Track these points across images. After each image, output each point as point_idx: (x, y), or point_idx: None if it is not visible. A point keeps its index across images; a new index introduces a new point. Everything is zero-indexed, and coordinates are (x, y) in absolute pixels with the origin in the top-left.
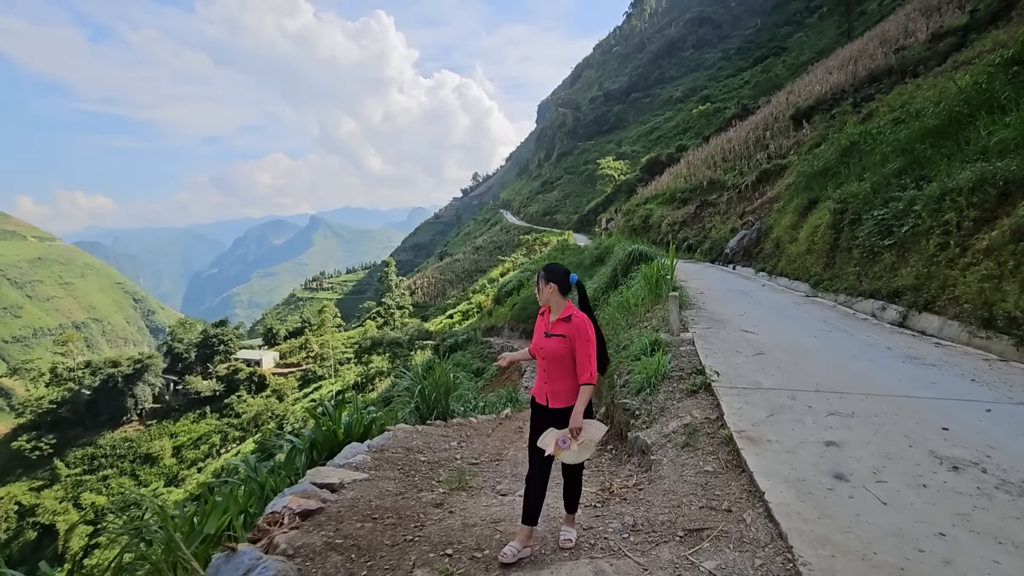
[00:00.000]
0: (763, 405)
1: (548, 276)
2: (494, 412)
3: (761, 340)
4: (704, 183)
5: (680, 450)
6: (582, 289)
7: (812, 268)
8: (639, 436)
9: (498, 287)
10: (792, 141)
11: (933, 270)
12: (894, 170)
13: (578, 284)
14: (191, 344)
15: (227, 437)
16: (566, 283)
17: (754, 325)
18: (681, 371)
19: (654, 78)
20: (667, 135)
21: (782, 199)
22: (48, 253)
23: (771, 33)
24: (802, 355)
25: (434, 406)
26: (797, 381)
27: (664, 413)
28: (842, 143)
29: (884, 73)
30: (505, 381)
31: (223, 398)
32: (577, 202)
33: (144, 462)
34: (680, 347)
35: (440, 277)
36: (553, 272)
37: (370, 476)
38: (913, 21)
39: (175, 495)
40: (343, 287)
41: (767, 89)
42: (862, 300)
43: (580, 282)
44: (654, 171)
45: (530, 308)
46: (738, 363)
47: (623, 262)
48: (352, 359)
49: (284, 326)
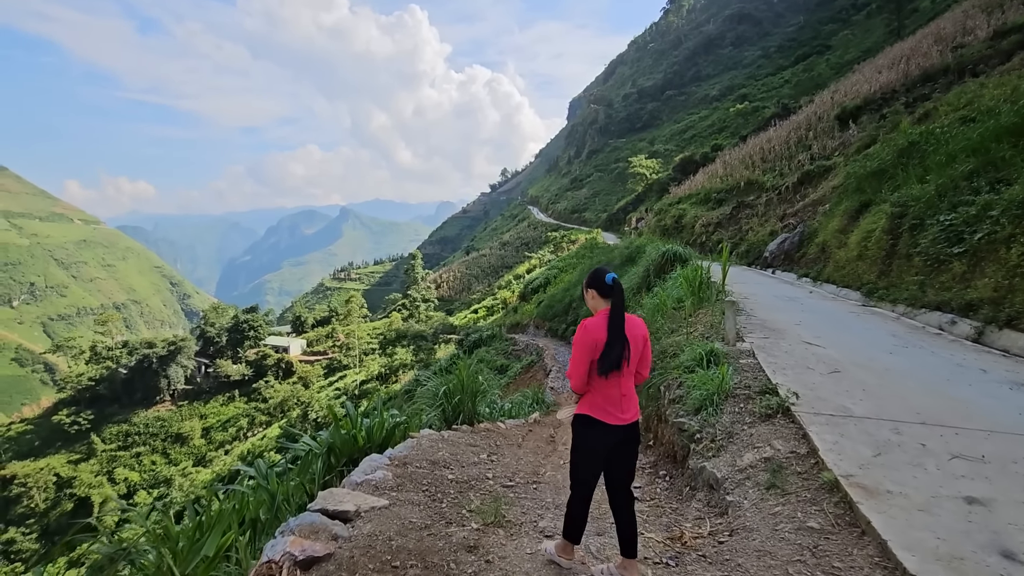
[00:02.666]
0: (863, 440)
1: (587, 281)
2: (522, 415)
3: (831, 355)
4: (741, 184)
5: (765, 492)
6: (618, 288)
7: (864, 276)
8: (705, 467)
9: (524, 284)
10: (837, 142)
11: (1016, 282)
12: (964, 172)
13: (615, 283)
14: (223, 328)
15: (254, 421)
16: (603, 285)
17: (816, 336)
18: (747, 389)
19: (690, 76)
20: (701, 134)
21: (828, 202)
22: (93, 236)
23: (814, 31)
24: (885, 375)
25: (460, 409)
26: (893, 409)
27: (733, 440)
28: (899, 143)
29: (940, 72)
30: (530, 380)
31: (251, 383)
32: (606, 200)
33: (175, 441)
34: (739, 359)
35: (466, 272)
36: (592, 276)
37: (391, 501)
38: (972, 18)
39: (203, 475)
40: (370, 278)
41: (809, 88)
42: (927, 312)
43: (616, 282)
44: (687, 171)
45: (555, 307)
46: (813, 382)
47: (656, 263)
48: (377, 350)
49: (312, 314)
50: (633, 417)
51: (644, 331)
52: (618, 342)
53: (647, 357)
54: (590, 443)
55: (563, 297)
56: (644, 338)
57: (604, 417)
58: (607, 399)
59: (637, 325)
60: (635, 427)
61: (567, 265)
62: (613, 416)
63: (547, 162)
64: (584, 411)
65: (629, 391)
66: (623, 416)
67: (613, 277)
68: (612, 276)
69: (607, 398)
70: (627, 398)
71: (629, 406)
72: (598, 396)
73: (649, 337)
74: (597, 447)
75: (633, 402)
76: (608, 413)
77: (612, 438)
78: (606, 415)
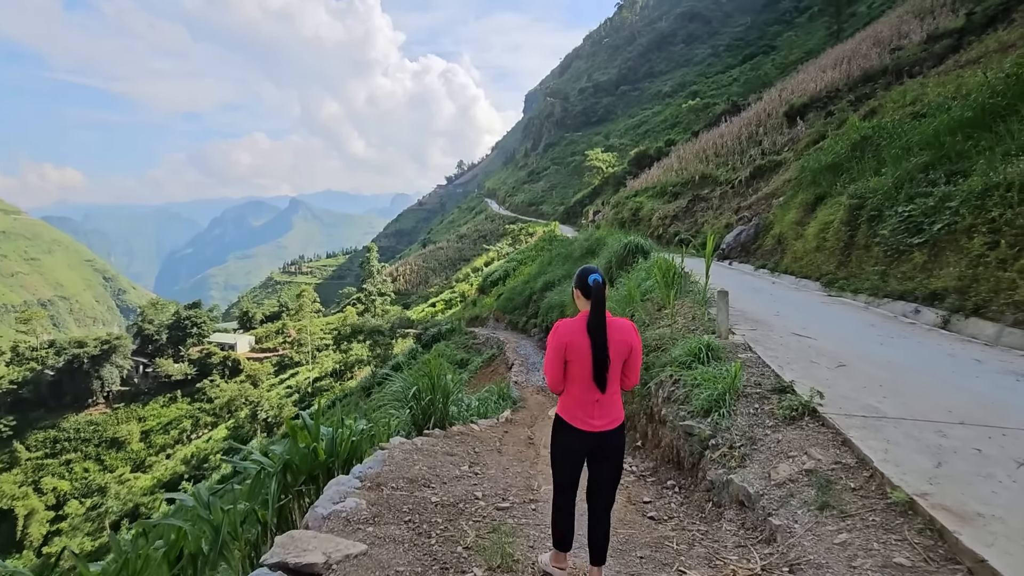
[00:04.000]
0: (913, 446)
1: (575, 280)
2: (492, 414)
3: (826, 347)
4: (696, 177)
5: (818, 514)
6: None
7: (824, 266)
8: (732, 480)
9: (483, 277)
10: (787, 138)
11: (980, 271)
12: (919, 164)
13: (595, 285)
14: (162, 326)
15: (198, 422)
16: (586, 285)
17: (802, 328)
18: (758, 387)
19: (643, 71)
20: (655, 129)
21: (782, 195)
22: (12, 227)
23: (760, 31)
24: (892, 369)
25: (431, 412)
26: (922, 407)
27: (757, 447)
28: (852, 137)
29: (879, 73)
30: (492, 374)
31: (195, 382)
32: (563, 193)
33: (110, 446)
34: (737, 354)
35: (423, 265)
36: (578, 276)
37: (369, 543)
38: (906, 23)
39: (142, 481)
40: (323, 272)
41: (756, 87)
42: (890, 302)
43: (598, 284)
44: (642, 165)
45: (516, 299)
46: (826, 379)
47: (619, 254)
48: (331, 346)
49: (261, 310)
50: (609, 425)
51: (631, 337)
52: (599, 351)
53: (635, 364)
54: (562, 446)
55: (523, 290)
56: (629, 344)
57: (575, 422)
58: (579, 404)
59: (622, 329)
60: (614, 435)
61: (526, 258)
62: (584, 422)
63: (504, 155)
64: (559, 412)
65: (606, 397)
66: (595, 423)
67: (595, 278)
68: (595, 277)
69: (579, 403)
70: (602, 404)
71: (604, 413)
72: (571, 400)
73: (641, 343)
74: (568, 451)
75: (611, 408)
76: (578, 419)
77: (584, 443)
78: (577, 420)
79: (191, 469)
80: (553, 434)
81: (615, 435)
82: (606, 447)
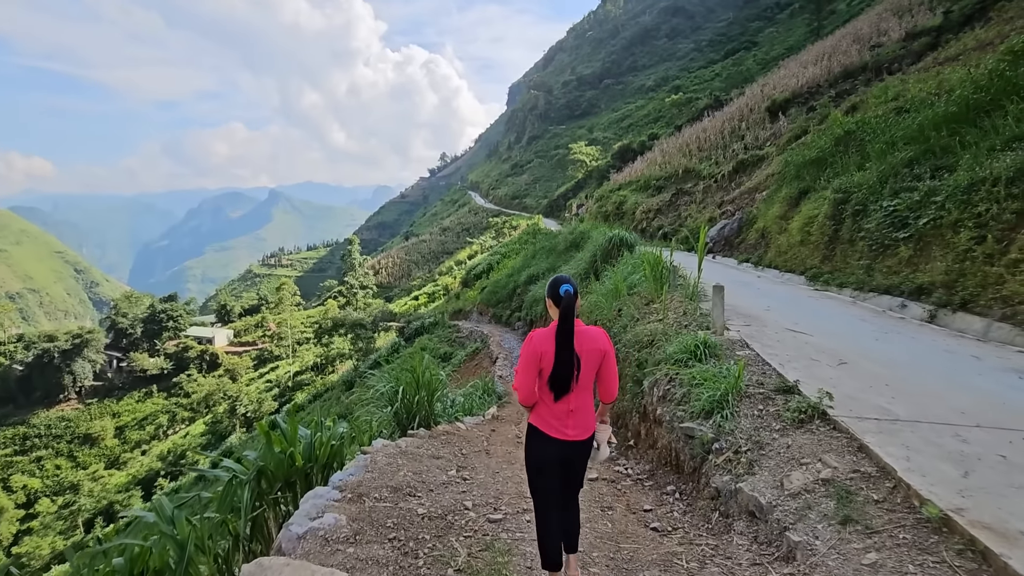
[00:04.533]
0: (935, 452)
1: (547, 290)
2: (478, 410)
3: (823, 344)
4: (679, 171)
5: (840, 529)
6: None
7: (808, 260)
8: (741, 489)
9: (466, 270)
10: (769, 132)
11: (967, 266)
12: (904, 159)
13: (566, 296)
14: (137, 319)
15: (175, 418)
16: (557, 295)
17: (794, 323)
18: (760, 387)
19: (627, 65)
20: (638, 123)
21: (764, 189)
22: None
23: (742, 27)
24: (893, 367)
25: (416, 412)
26: (935, 409)
27: (765, 452)
28: (835, 132)
29: (859, 70)
30: (476, 368)
31: (171, 377)
32: (547, 187)
33: (83, 443)
34: (735, 351)
35: (406, 258)
36: (550, 285)
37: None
38: (885, 21)
39: (116, 478)
40: (303, 264)
41: (738, 82)
42: (876, 296)
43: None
44: (626, 158)
45: (499, 292)
46: (830, 378)
47: (603, 248)
48: (312, 339)
49: (239, 303)
50: (581, 435)
51: (603, 344)
52: (566, 361)
53: (610, 373)
54: (535, 454)
55: (507, 283)
56: (602, 352)
57: (549, 431)
58: (553, 413)
59: (594, 338)
60: (585, 445)
61: (510, 251)
62: (558, 431)
63: (487, 147)
64: (532, 421)
65: (580, 407)
66: (568, 432)
67: (567, 289)
68: (566, 288)
69: (553, 413)
70: (576, 414)
71: (577, 423)
72: (545, 410)
73: (614, 350)
74: (542, 459)
75: (584, 418)
76: (553, 427)
77: (558, 452)
78: (551, 429)
79: (167, 465)
80: (527, 444)
81: (586, 445)
82: (577, 456)
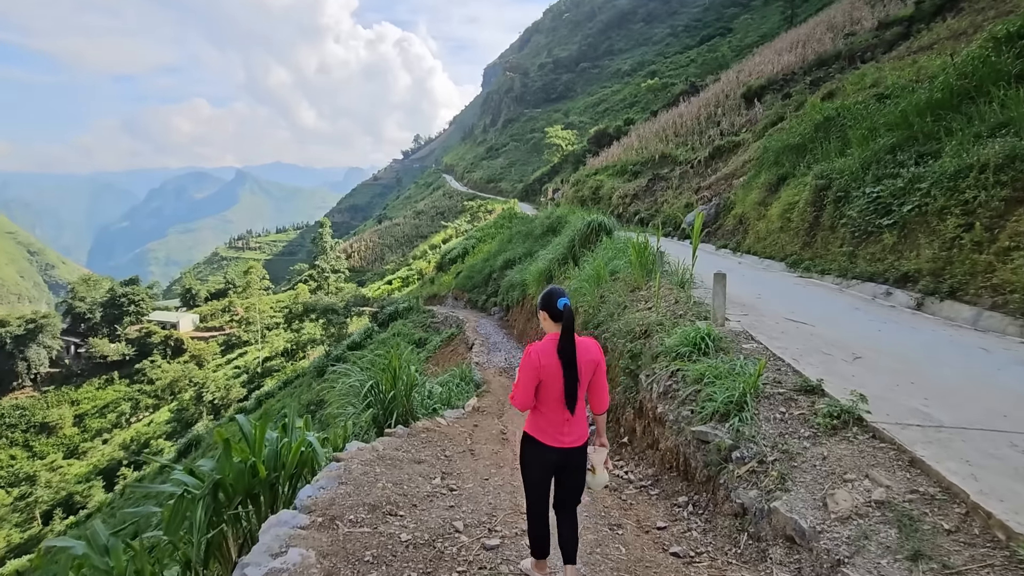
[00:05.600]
0: (1000, 468)
1: (540, 302)
2: (457, 401)
3: (828, 335)
4: (656, 157)
5: (913, 567)
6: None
7: (788, 247)
8: (776, 509)
9: (441, 254)
10: (744, 119)
11: (955, 254)
12: (886, 145)
13: (566, 310)
14: (96, 303)
15: (138, 405)
16: (555, 310)
17: (791, 312)
18: (778, 385)
19: (603, 49)
20: (614, 108)
21: (742, 175)
22: None
23: (718, 13)
24: (909, 361)
25: (393, 408)
26: (973, 412)
27: (798, 464)
28: (815, 118)
29: (832, 57)
30: (451, 354)
31: (134, 363)
32: (522, 170)
33: (40, 432)
34: (741, 344)
35: (379, 241)
36: (544, 298)
37: None
38: (858, 10)
39: (76, 468)
40: (272, 247)
41: (713, 68)
42: (859, 283)
43: (567, 308)
44: (602, 143)
45: (475, 277)
46: (850, 374)
47: (582, 233)
48: (282, 324)
49: (205, 287)
50: (576, 442)
51: (596, 355)
52: (572, 378)
53: (601, 384)
54: (532, 462)
55: (483, 267)
56: (595, 363)
57: (545, 439)
58: (550, 423)
59: (588, 348)
60: (580, 451)
61: (485, 235)
62: (554, 439)
63: (462, 130)
64: (528, 430)
65: (576, 416)
66: (564, 440)
67: (565, 303)
68: (564, 302)
69: (550, 422)
70: (571, 423)
71: (572, 430)
72: (542, 419)
73: (605, 360)
74: (539, 466)
75: (579, 425)
76: (549, 435)
77: (554, 458)
78: (548, 437)
79: (130, 455)
80: (522, 450)
81: (581, 451)
82: (572, 462)
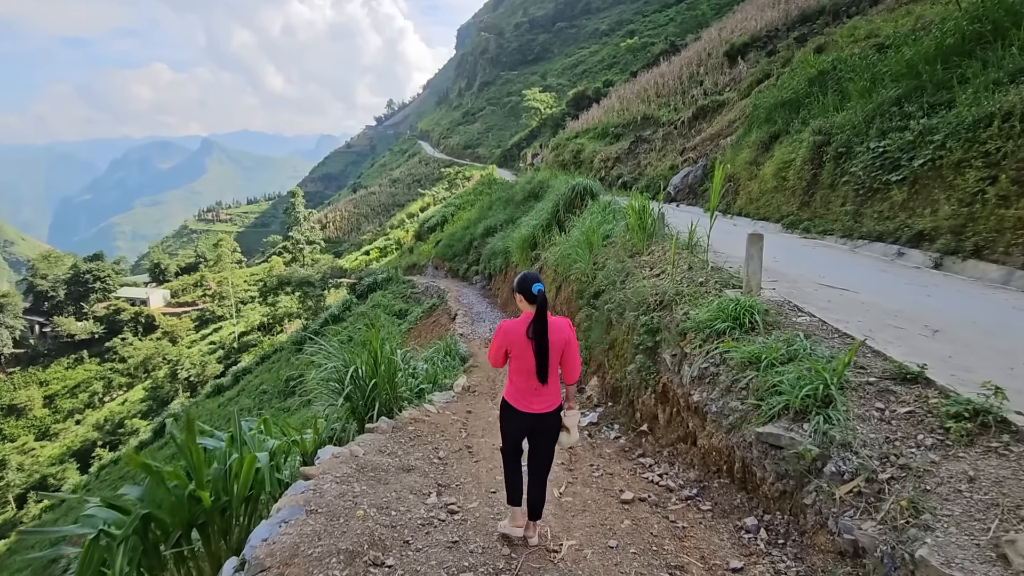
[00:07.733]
0: None
1: (515, 285)
2: (444, 377)
3: (881, 303)
4: (638, 118)
5: None
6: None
7: (783, 207)
8: (927, 561)
9: (419, 223)
10: (728, 77)
11: (977, 210)
12: (891, 97)
13: (540, 295)
14: (59, 281)
15: (111, 384)
16: (530, 294)
17: (820, 276)
18: (862, 371)
19: (580, 7)
20: (593, 69)
21: (728, 135)
22: None
23: None
24: (992, 335)
25: (375, 398)
26: None
27: (928, 486)
28: (809, 72)
29: (816, 13)
30: (434, 325)
31: (104, 341)
32: (500, 136)
33: (8, 414)
34: (790, 317)
35: (354, 211)
36: (519, 282)
37: None
38: None
39: (49, 450)
40: (244, 219)
41: (692, 27)
42: (867, 243)
43: (542, 293)
44: (581, 106)
45: (455, 246)
46: (945, 355)
47: (566, 197)
48: (257, 298)
49: (175, 261)
50: (546, 408)
51: (567, 334)
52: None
53: (572, 358)
54: (506, 424)
55: (463, 236)
56: (565, 341)
57: (518, 405)
58: (520, 391)
59: (559, 328)
60: (550, 416)
61: (464, 202)
62: (525, 405)
63: (436, 94)
64: (505, 396)
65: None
66: (533, 406)
67: (539, 288)
68: (539, 287)
69: (520, 390)
70: (540, 391)
71: (542, 399)
72: (514, 388)
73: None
74: (512, 428)
75: (549, 395)
76: (521, 402)
77: (526, 423)
78: (520, 403)
79: (105, 435)
80: (501, 414)
81: (551, 416)
82: (542, 425)
